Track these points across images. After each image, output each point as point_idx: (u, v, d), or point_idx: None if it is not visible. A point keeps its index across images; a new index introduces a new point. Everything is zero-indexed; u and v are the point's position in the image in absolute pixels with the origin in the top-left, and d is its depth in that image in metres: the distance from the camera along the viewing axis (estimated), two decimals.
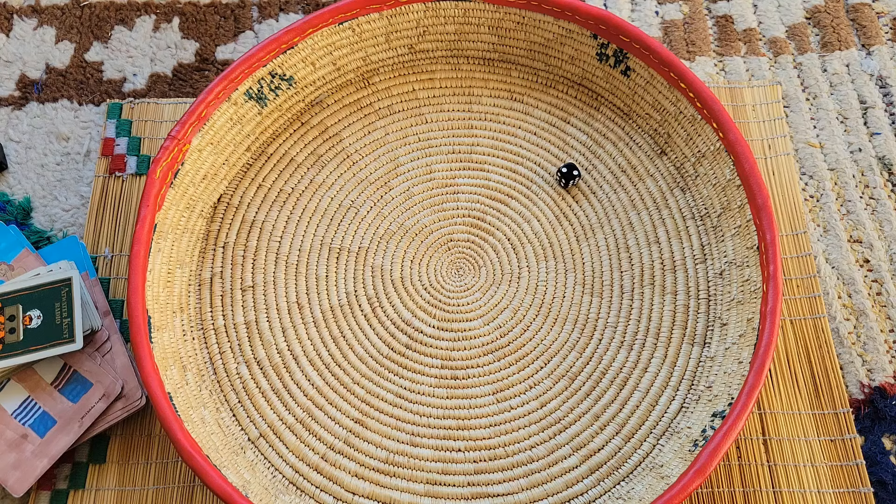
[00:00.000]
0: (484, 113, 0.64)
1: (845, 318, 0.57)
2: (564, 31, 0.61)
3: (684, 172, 0.60)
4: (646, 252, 0.58)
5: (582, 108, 0.64)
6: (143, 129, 0.65)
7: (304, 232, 0.60)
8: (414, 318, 0.57)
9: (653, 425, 0.53)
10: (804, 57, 0.68)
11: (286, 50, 0.59)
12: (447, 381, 0.55)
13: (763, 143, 0.63)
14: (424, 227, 0.60)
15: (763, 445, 0.53)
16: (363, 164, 0.62)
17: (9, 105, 0.67)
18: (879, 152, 0.63)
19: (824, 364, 0.55)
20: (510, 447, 0.53)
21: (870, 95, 0.65)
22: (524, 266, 0.59)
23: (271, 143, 0.63)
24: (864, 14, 0.69)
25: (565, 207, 0.61)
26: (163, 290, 0.54)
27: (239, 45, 0.70)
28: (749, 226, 0.54)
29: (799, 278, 0.58)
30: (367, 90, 0.65)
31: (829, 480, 0.52)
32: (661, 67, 0.58)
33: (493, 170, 0.62)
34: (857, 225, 0.60)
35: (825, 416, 0.53)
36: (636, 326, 0.56)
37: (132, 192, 0.62)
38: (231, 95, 0.58)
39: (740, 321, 0.52)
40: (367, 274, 0.59)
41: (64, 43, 0.70)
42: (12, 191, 0.63)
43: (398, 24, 0.62)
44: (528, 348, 0.56)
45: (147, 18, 0.71)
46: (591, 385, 0.54)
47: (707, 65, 0.67)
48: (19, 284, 0.55)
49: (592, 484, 0.51)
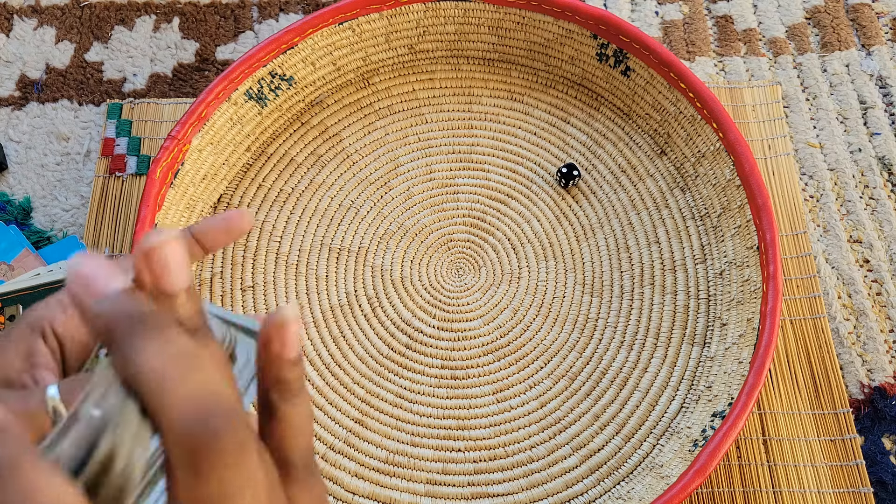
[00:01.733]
0: (484, 113, 0.64)
1: (845, 318, 0.57)
2: (564, 31, 0.61)
3: (684, 172, 0.60)
4: (646, 252, 0.58)
5: (582, 108, 0.64)
6: (143, 129, 0.65)
7: (304, 232, 0.60)
8: (414, 318, 0.57)
9: (653, 425, 0.53)
10: (804, 57, 0.68)
11: (286, 50, 0.59)
12: (447, 381, 0.55)
13: (763, 144, 0.63)
14: (424, 227, 0.60)
15: (763, 445, 0.53)
16: (363, 164, 0.62)
17: (9, 105, 0.67)
18: (879, 152, 0.63)
19: (824, 364, 0.55)
20: (510, 447, 0.53)
21: (870, 95, 0.65)
22: (524, 266, 0.59)
23: (271, 143, 0.63)
24: (864, 14, 0.69)
25: (565, 207, 0.60)
26: None
27: (239, 45, 0.69)
28: (749, 226, 0.54)
29: (799, 278, 0.58)
30: (367, 90, 0.65)
31: (829, 480, 0.52)
32: (661, 67, 0.58)
33: (493, 170, 0.62)
34: (857, 225, 0.60)
35: (825, 416, 0.53)
36: (636, 326, 0.56)
37: (132, 192, 0.62)
38: (231, 95, 0.58)
39: (740, 321, 0.52)
40: (367, 274, 0.59)
41: (64, 43, 0.70)
42: (12, 191, 0.63)
43: (398, 24, 0.62)
44: (528, 348, 0.56)
45: (147, 18, 0.71)
46: (591, 385, 0.54)
47: (707, 65, 0.67)
48: (19, 284, 0.55)
49: (592, 484, 0.51)
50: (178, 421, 0.16)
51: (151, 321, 0.17)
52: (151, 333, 0.17)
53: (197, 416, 0.16)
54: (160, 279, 0.18)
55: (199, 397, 0.16)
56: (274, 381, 0.20)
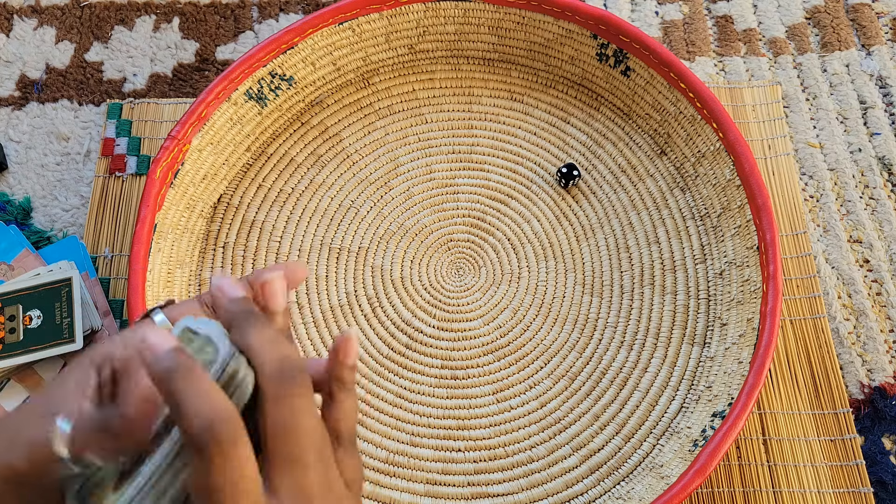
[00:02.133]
0: (484, 113, 0.64)
1: (845, 318, 0.57)
2: (564, 31, 0.61)
3: (684, 172, 0.60)
4: (646, 252, 0.58)
5: (582, 108, 0.64)
6: (143, 129, 0.65)
7: (304, 232, 0.60)
8: (414, 318, 0.57)
9: (653, 425, 0.53)
10: (804, 57, 0.68)
11: (286, 50, 0.59)
12: (447, 381, 0.55)
13: (763, 143, 0.63)
14: (424, 227, 0.60)
15: (763, 445, 0.53)
16: (363, 164, 0.62)
17: (9, 105, 0.67)
18: (879, 152, 0.63)
19: (824, 364, 0.55)
20: (510, 447, 0.53)
21: (870, 95, 0.65)
22: (524, 266, 0.59)
23: (271, 143, 0.63)
24: (864, 14, 0.69)
25: (565, 207, 0.60)
26: (163, 290, 0.54)
27: (239, 45, 0.69)
28: (749, 226, 0.54)
29: (799, 278, 0.58)
30: (367, 90, 0.65)
31: (829, 480, 0.52)
32: (661, 67, 0.58)
33: (493, 170, 0.62)
34: (857, 225, 0.60)
35: (825, 416, 0.53)
36: (636, 326, 0.56)
37: (132, 192, 0.62)
38: (231, 95, 0.58)
39: (740, 321, 0.52)
40: (367, 274, 0.59)
41: (64, 43, 0.70)
42: (12, 191, 0.63)
43: (398, 24, 0.62)
44: (528, 348, 0.56)
45: (147, 18, 0.71)
46: (591, 385, 0.54)
47: (707, 65, 0.67)
48: (19, 284, 0.55)
49: (592, 484, 0.51)
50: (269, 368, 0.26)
51: (259, 317, 0.28)
52: (258, 323, 0.27)
53: (281, 367, 0.26)
54: (268, 301, 0.29)
55: (282, 358, 0.26)
56: (336, 377, 0.29)
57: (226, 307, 0.28)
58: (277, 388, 0.26)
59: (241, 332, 0.27)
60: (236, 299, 0.28)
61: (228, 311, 0.28)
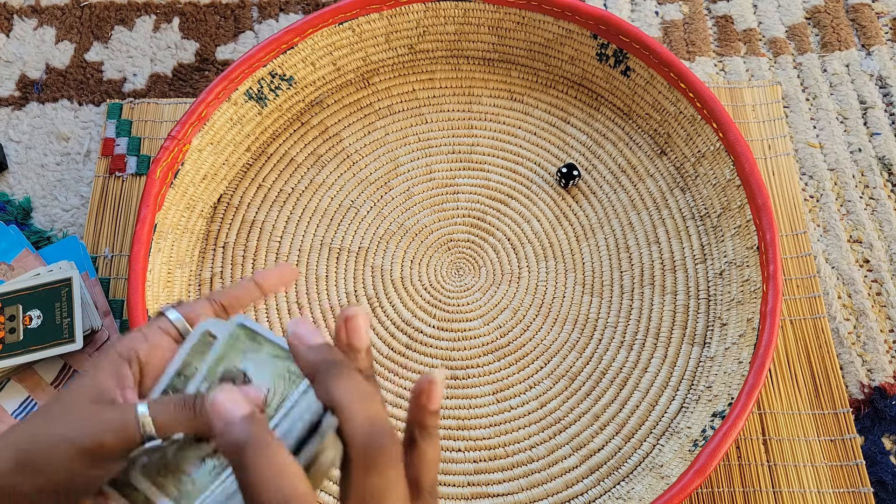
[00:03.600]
0: (484, 113, 0.64)
1: (845, 318, 0.57)
2: (564, 31, 0.61)
3: (684, 172, 0.60)
4: (646, 252, 0.58)
5: (582, 108, 0.64)
6: (143, 129, 0.65)
7: (304, 232, 0.60)
8: (414, 318, 0.57)
9: (653, 425, 0.53)
10: (804, 57, 0.68)
11: (286, 50, 0.59)
12: (447, 381, 0.55)
13: (763, 143, 0.63)
14: (424, 227, 0.60)
15: (763, 445, 0.53)
16: (363, 164, 0.62)
17: (9, 105, 0.67)
18: (879, 152, 0.63)
19: (824, 364, 0.55)
20: (510, 447, 0.53)
21: (870, 95, 0.65)
22: (524, 266, 0.59)
23: (271, 143, 0.63)
24: (864, 14, 0.69)
25: (565, 207, 0.60)
26: (163, 290, 0.54)
27: (239, 45, 0.69)
28: (749, 226, 0.54)
29: (799, 278, 0.58)
30: (367, 90, 0.65)
31: (829, 480, 0.52)
32: (661, 67, 0.58)
33: (493, 170, 0.62)
34: (857, 225, 0.60)
35: (825, 416, 0.53)
36: (636, 326, 0.56)
37: (132, 192, 0.62)
38: (231, 95, 0.58)
39: (740, 321, 0.52)
40: (367, 274, 0.59)
41: (64, 43, 0.70)
42: (12, 191, 0.63)
43: (398, 24, 0.62)
44: (528, 348, 0.56)
45: (147, 18, 0.71)
46: (591, 385, 0.54)
47: (707, 65, 0.67)
48: (19, 284, 0.55)
49: (592, 484, 0.51)
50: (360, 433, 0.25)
51: (343, 366, 0.26)
52: (343, 374, 0.25)
53: (371, 432, 0.25)
54: (352, 338, 0.27)
55: (372, 420, 0.25)
56: (418, 423, 0.28)
57: (305, 356, 0.27)
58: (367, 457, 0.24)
59: (327, 385, 0.25)
60: (317, 347, 0.27)
61: (309, 360, 0.26)
